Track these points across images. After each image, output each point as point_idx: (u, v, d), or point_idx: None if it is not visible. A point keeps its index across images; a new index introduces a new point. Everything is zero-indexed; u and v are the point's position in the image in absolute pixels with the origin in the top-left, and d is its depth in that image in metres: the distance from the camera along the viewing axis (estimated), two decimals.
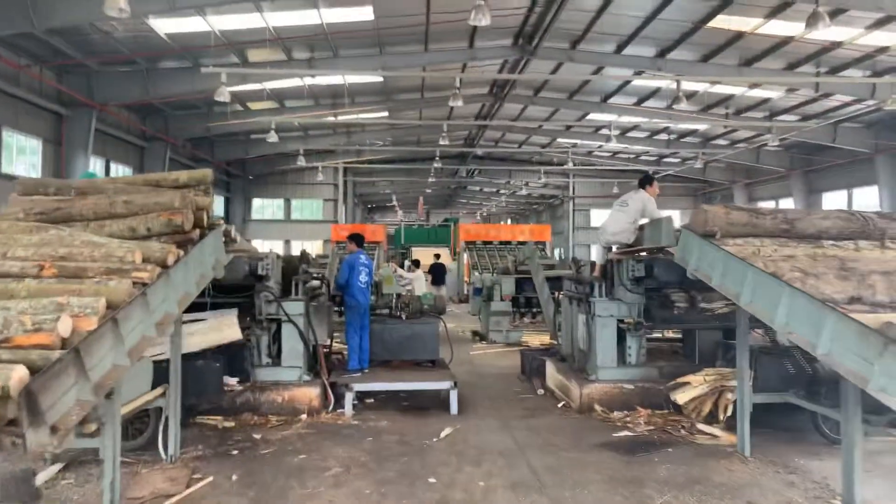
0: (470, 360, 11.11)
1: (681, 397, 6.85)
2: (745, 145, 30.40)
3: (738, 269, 5.01)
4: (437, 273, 29.48)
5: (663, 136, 31.94)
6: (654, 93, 24.60)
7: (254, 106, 26.17)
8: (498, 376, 9.69)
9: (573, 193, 43.75)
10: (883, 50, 17.38)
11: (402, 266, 15.30)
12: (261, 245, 35.47)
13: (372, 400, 7.72)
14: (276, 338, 7.24)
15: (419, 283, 13.22)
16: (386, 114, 27.66)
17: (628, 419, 7.00)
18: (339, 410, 7.25)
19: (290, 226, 39.80)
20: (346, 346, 7.99)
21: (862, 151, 25.52)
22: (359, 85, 24.53)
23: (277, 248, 38.19)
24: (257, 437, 6.36)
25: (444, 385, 7.28)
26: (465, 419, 7.13)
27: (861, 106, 22.33)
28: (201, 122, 26.36)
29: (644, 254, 7.35)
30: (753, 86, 22.69)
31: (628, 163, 37.63)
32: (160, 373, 5.39)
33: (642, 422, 6.88)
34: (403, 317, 8.10)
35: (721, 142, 31.65)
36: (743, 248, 5.49)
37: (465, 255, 23.78)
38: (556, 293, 10.88)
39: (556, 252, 41.09)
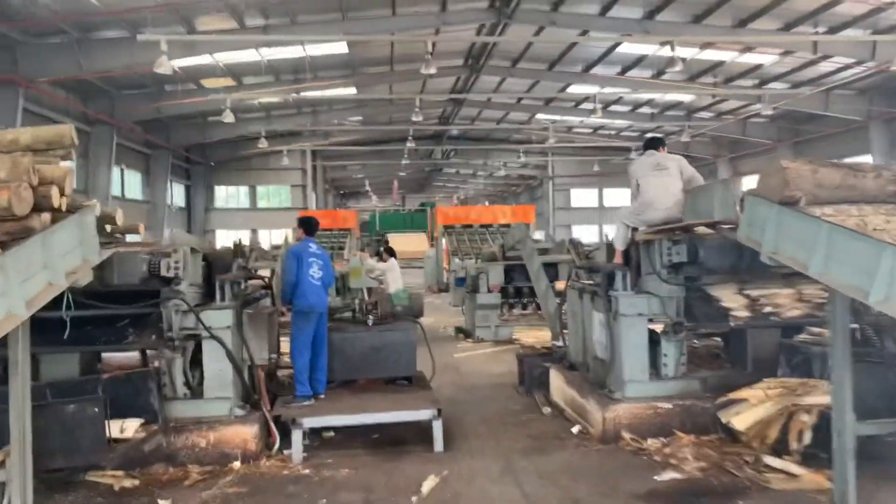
0: (455, 366, 9.35)
1: (739, 421, 5.17)
2: (732, 117, 29.10)
3: (863, 251, 3.30)
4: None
5: (647, 110, 30.49)
6: (640, 61, 23.02)
7: (208, 83, 23.90)
8: (491, 387, 7.95)
9: (553, 173, 42.17)
10: (887, 6, 15.91)
11: (377, 255, 13.46)
12: (225, 236, 33.29)
13: (332, 433, 5.92)
14: (197, 360, 5.39)
15: (393, 276, 11.35)
16: (353, 90, 25.61)
17: (669, 451, 5.31)
18: (286, 451, 5.45)
19: (257, 214, 37.58)
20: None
21: (854, 119, 24.36)
22: (322, 58, 22.43)
23: (243, 237, 35.96)
24: (165, 503, 4.54)
25: (424, 414, 5.50)
26: (453, 459, 5.37)
27: (856, 71, 21.13)
28: (151, 103, 24.04)
29: (676, 232, 5.62)
30: (745, 50, 21.24)
31: (610, 139, 36.12)
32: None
33: (689, 455, 5.19)
34: (370, 322, 6.28)
35: (706, 114, 30.31)
36: (836, 217, 3.81)
37: (444, 241, 21.96)
38: (555, 283, 9.15)
39: (540, 234, 39.60)
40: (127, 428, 4.69)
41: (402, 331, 6.30)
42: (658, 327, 5.77)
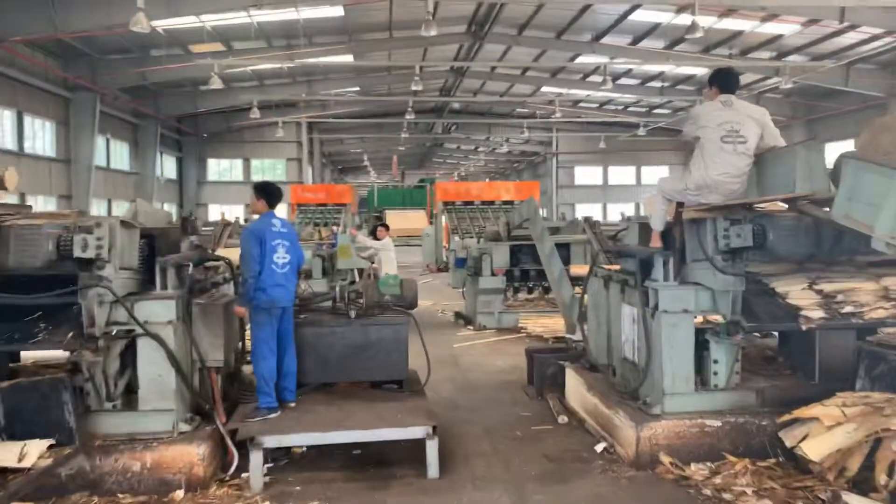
0: (454, 359, 8.28)
1: (811, 447, 4.11)
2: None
3: None
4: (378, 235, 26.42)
5: (656, 84, 29.17)
6: (653, 30, 21.76)
7: (196, 48, 22.58)
8: (495, 387, 6.88)
9: (557, 149, 40.85)
10: None
11: (373, 233, 12.09)
12: (217, 210, 32.07)
13: (304, 448, 4.85)
14: (131, 363, 4.29)
15: (387, 256, 10.21)
16: (350, 57, 24.23)
17: (720, 481, 4.26)
18: (244, 475, 4.39)
19: (250, 188, 36.30)
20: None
21: (873, 96, 23.14)
22: (316, 21, 21.11)
23: (237, 212, 34.80)
24: None
25: (416, 432, 4.42)
26: (452, 489, 4.31)
27: (881, 43, 19.94)
28: (135, 68, 22.73)
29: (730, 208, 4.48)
30: (767, 19, 19.98)
31: (617, 114, 34.81)
32: None
33: (748, 489, 4.14)
34: (353, 314, 5.18)
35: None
36: None
37: (444, 218, 20.81)
38: (568, 267, 8.06)
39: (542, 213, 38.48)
40: (28, 453, 3.62)
41: (391, 325, 5.19)
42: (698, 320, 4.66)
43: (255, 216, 5.01)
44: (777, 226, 4.07)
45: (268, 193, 4.99)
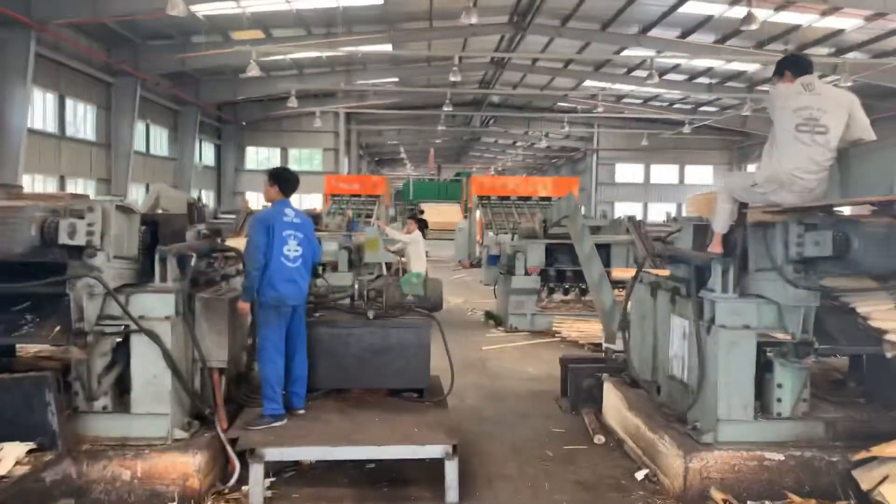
0: (481, 363, 7.79)
1: (891, 492, 3.50)
2: None
3: None
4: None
5: (704, 80, 28.09)
6: (704, 23, 20.84)
7: (236, 35, 22.53)
8: (525, 397, 6.37)
9: (597, 145, 39.85)
10: None
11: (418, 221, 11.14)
12: (255, 199, 32.15)
13: (312, 460, 4.43)
14: (124, 363, 3.92)
15: (416, 251, 9.74)
16: (389, 47, 23.83)
17: None
18: (244, 487, 3.99)
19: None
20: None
21: None
22: (355, 9, 20.78)
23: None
24: None
25: (434, 451, 3.95)
26: None
27: None
28: (176, 54, 22.73)
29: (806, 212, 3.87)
30: (828, 12, 18.90)
31: (661, 111, 33.70)
32: None
33: None
34: (371, 315, 4.74)
35: (769, 87, 27.66)
36: None
37: (478, 213, 20.29)
38: (609, 270, 7.48)
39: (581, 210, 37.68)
40: (4, 457, 3.28)
41: (412, 328, 4.73)
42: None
43: (268, 204, 4.57)
44: (863, 234, 3.46)
45: (282, 180, 4.56)
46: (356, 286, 4.94)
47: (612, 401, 5.38)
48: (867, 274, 3.80)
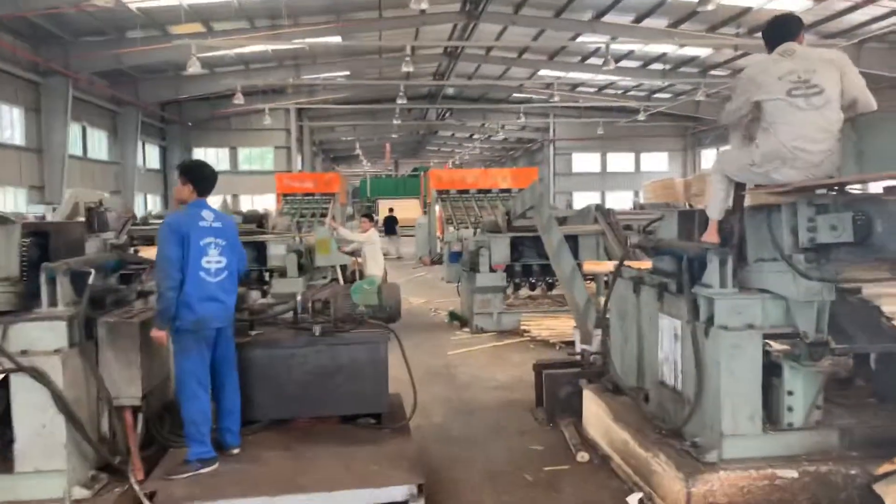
0: (447, 370, 7.17)
1: None
2: None
3: None
4: (388, 225, 25.40)
5: (658, 66, 28.03)
6: (657, 7, 20.60)
7: (175, 30, 21.30)
8: (497, 410, 5.77)
9: (554, 136, 39.67)
10: None
11: (372, 219, 10.31)
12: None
13: None
14: (3, 408, 3.17)
15: (372, 250, 9.06)
16: (339, 39, 22.94)
17: None
18: None
19: (238, 178, 35.05)
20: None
21: (885, 77, 22.06)
22: None
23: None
24: None
25: (396, 494, 3.31)
26: None
27: (894, 20, 18.88)
28: (108, 50, 21.40)
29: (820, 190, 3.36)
30: None
31: (616, 99, 33.63)
32: None
33: None
34: (317, 331, 4.07)
35: (721, 72, 27.94)
36: None
37: (438, 207, 19.66)
38: (580, 263, 6.95)
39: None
40: None
41: (366, 344, 4.07)
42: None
43: (181, 207, 3.80)
44: (888, 214, 2.96)
45: (197, 176, 3.80)
46: (299, 297, 4.24)
47: (594, 411, 4.83)
48: (883, 259, 3.30)
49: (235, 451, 3.75)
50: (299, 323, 4.23)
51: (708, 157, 37.98)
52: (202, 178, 3.78)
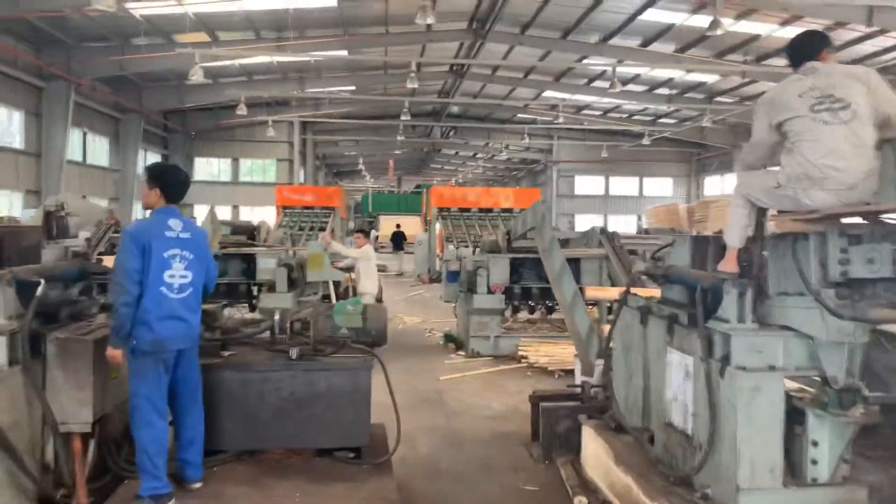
0: (439, 397, 6.79)
1: None
2: (752, 102, 26.64)
3: None
4: (395, 241, 25.16)
5: (664, 91, 27.95)
6: (665, 32, 20.54)
7: (179, 38, 21.20)
8: (490, 442, 5.40)
9: (557, 157, 39.54)
10: None
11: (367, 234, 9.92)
12: (204, 212, 30.58)
13: None
14: None
15: (367, 266, 8.74)
16: (345, 52, 22.83)
17: None
18: None
19: (239, 189, 34.93)
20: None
21: None
22: (308, 12, 19.77)
23: (224, 214, 33.34)
24: None
25: None
26: None
27: None
28: (112, 56, 21.28)
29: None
30: (787, 21, 18.79)
31: (620, 122, 33.54)
32: None
33: None
34: (294, 354, 3.73)
35: (727, 98, 27.86)
36: None
37: (438, 225, 19.37)
38: (582, 288, 6.61)
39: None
40: None
41: (347, 370, 3.73)
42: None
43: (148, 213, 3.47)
44: None
45: (166, 181, 3.47)
46: (277, 317, 3.90)
47: (594, 449, 4.46)
48: None
49: (196, 485, 3.38)
50: (276, 345, 3.88)
51: (712, 184, 37.80)
52: (171, 183, 3.46)
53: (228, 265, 8.39)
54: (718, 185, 36.78)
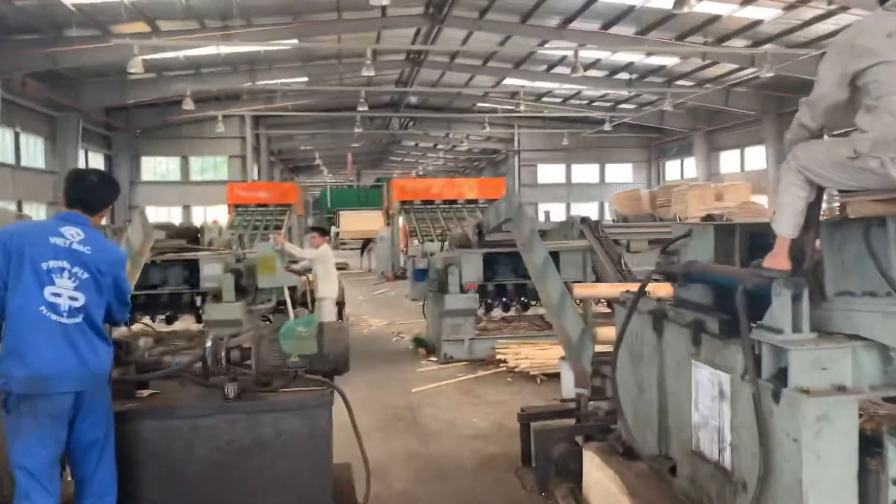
0: (411, 413, 6.03)
1: None
2: (713, 86, 26.68)
3: None
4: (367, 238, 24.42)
5: (624, 75, 27.67)
6: (626, 14, 20.09)
7: (118, 29, 19.79)
8: (473, 470, 4.67)
9: (519, 146, 39.06)
10: None
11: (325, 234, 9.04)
12: (154, 213, 29.01)
13: None
14: None
15: (324, 268, 7.88)
16: (295, 41, 21.74)
17: None
18: None
19: (190, 188, 33.39)
20: None
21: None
22: None
23: (175, 215, 31.86)
24: None
25: None
26: None
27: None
28: (43, 49, 19.74)
29: None
30: (746, 2, 18.68)
31: (581, 108, 33.21)
32: None
33: None
34: (231, 391, 2.92)
35: (687, 82, 27.80)
36: None
37: (401, 219, 18.58)
38: (569, 286, 5.92)
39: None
40: None
41: (299, 410, 2.93)
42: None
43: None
44: None
45: (68, 180, 2.67)
46: (209, 344, 3.08)
47: (599, 479, 3.78)
48: None
49: None
50: (208, 379, 3.06)
51: (672, 168, 37.88)
52: (71, 181, 2.65)
53: (168, 273, 7.46)
54: (678, 169, 36.90)
